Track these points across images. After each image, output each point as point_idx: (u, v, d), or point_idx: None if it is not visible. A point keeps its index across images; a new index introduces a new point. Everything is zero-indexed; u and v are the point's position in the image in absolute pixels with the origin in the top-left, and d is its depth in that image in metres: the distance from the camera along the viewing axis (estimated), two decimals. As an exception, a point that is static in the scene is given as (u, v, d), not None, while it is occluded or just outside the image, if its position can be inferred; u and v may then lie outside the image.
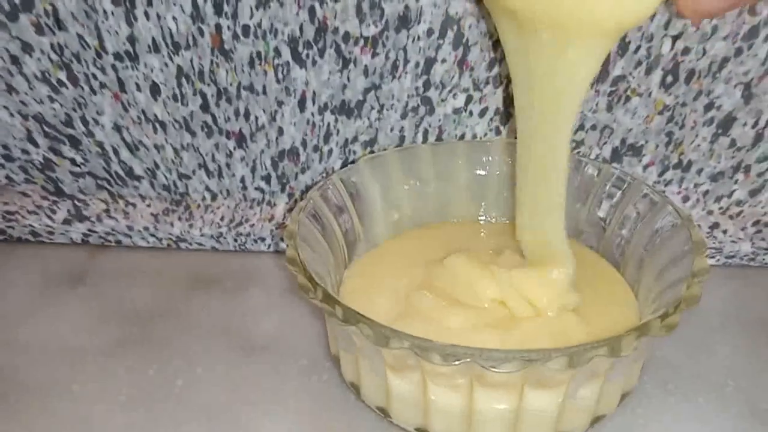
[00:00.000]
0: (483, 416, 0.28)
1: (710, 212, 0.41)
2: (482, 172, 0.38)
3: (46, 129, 0.40)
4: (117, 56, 0.37)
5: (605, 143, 0.39)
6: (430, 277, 0.34)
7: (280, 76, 0.37)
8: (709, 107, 0.37)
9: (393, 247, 0.37)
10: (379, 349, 0.26)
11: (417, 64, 0.37)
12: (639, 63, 0.36)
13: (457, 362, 0.25)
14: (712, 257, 0.40)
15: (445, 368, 0.26)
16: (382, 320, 0.26)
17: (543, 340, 0.30)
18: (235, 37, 0.36)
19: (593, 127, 0.38)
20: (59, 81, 0.38)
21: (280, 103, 0.38)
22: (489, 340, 0.29)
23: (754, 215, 0.40)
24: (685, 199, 0.40)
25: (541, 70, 0.27)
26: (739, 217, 0.40)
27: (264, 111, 0.39)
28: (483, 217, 0.39)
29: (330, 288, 0.29)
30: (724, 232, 0.40)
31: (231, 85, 0.38)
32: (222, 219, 0.42)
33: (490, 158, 0.38)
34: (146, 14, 0.35)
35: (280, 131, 0.39)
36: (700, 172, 0.39)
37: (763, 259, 0.40)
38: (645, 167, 0.39)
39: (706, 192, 0.40)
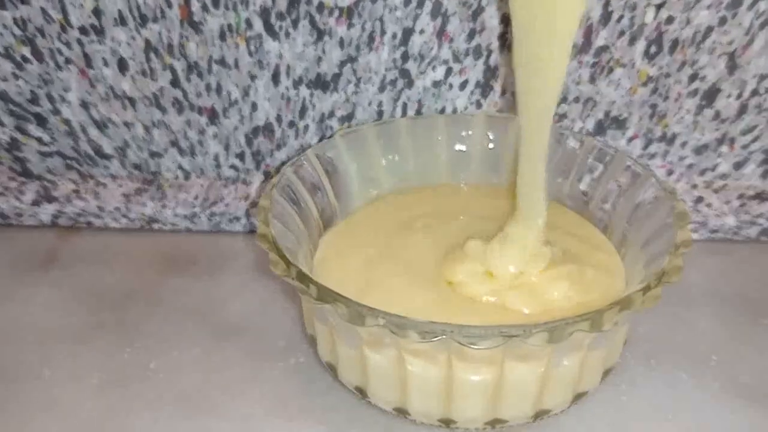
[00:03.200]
0: (462, 392, 0.27)
1: (694, 186, 0.40)
2: (462, 147, 0.38)
3: (11, 107, 0.39)
4: (82, 30, 0.36)
5: (588, 116, 0.38)
6: (396, 246, 0.33)
7: (252, 48, 0.36)
8: (693, 78, 0.36)
9: (368, 213, 0.36)
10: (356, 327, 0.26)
11: (394, 35, 0.36)
12: (622, 33, 0.35)
13: (434, 339, 0.24)
14: (696, 231, 0.40)
15: (423, 345, 0.25)
16: (349, 292, 0.26)
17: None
18: (205, 8, 0.35)
19: (576, 100, 0.37)
20: (23, 57, 0.37)
21: (253, 78, 0.37)
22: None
23: (739, 189, 0.40)
24: (669, 172, 0.40)
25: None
26: (723, 191, 0.40)
27: (236, 86, 0.37)
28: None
29: (303, 264, 0.28)
30: (709, 205, 0.40)
31: (201, 59, 0.36)
32: (196, 198, 0.41)
33: (470, 132, 0.37)
34: (111, -15, 0.34)
35: (254, 107, 0.38)
36: (684, 145, 0.39)
37: (747, 233, 0.40)
38: (629, 140, 0.39)
39: (690, 165, 0.39)
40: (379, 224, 0.35)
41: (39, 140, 0.40)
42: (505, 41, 0.36)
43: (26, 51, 0.36)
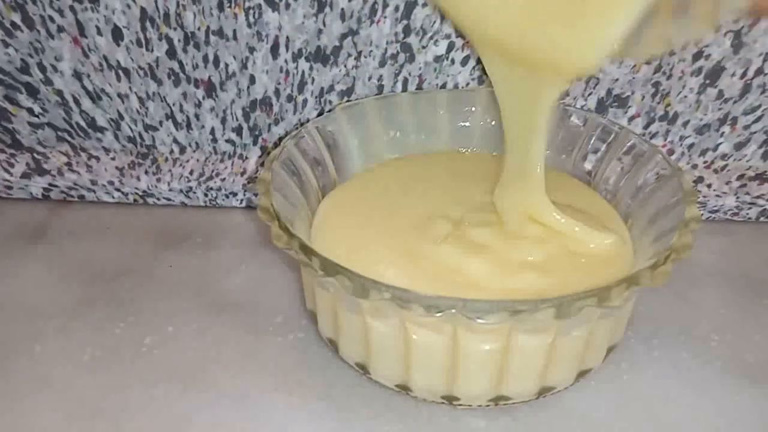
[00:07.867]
0: (467, 365, 0.27)
1: (695, 166, 0.40)
2: (465, 123, 0.37)
3: (1, 76, 0.37)
4: (75, -3, 0.35)
5: (590, 94, 0.38)
6: (389, 209, 0.33)
7: (251, 20, 0.35)
8: (697, 56, 0.36)
9: (367, 175, 0.36)
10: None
11: (396, 8, 0.35)
12: (627, 9, 0.35)
13: (439, 314, 0.24)
14: (696, 212, 0.40)
15: (428, 319, 0.25)
16: (338, 255, 0.26)
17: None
18: (203, -24, 0.34)
19: (578, 77, 0.37)
20: (13, 24, 0.36)
21: (251, 50, 0.36)
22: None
23: (739, 169, 0.40)
24: (670, 152, 0.39)
25: (515, 93, 0.31)
26: (724, 171, 0.40)
27: (234, 58, 0.37)
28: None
29: (302, 234, 0.28)
30: (709, 186, 0.39)
31: (199, 29, 0.36)
32: (191, 173, 0.40)
33: (473, 108, 0.37)
34: (106, -51, 0.33)
35: (252, 80, 0.37)
36: (686, 124, 0.38)
37: (747, 214, 0.40)
38: (630, 119, 0.38)
39: (692, 145, 0.39)
40: (377, 187, 0.35)
41: (30, 111, 0.39)
42: (509, 16, 0.35)
43: (16, 18, 0.35)
